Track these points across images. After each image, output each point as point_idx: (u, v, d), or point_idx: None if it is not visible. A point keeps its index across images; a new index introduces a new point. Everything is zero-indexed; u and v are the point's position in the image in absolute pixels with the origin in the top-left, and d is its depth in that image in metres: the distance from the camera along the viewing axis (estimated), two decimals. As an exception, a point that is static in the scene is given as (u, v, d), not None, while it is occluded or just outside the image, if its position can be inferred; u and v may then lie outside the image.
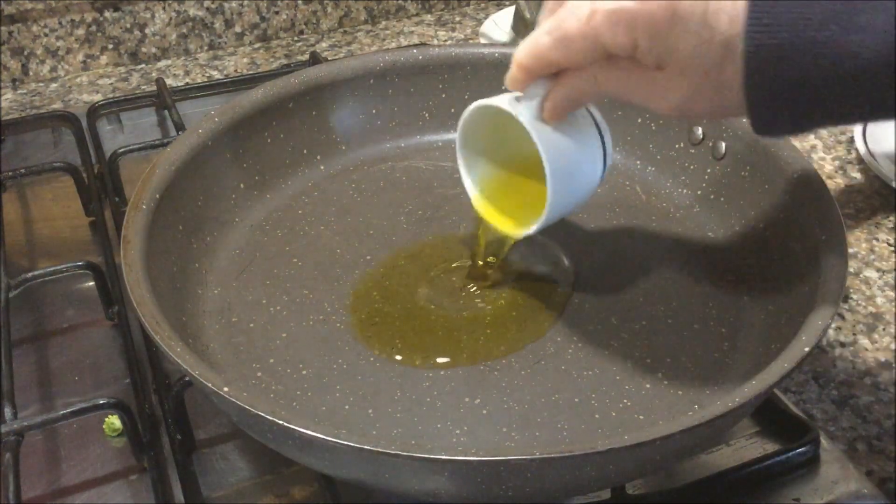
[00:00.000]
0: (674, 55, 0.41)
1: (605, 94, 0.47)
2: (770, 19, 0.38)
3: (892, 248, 0.68)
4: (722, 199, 0.63)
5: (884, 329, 0.61)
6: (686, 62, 0.41)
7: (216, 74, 0.93)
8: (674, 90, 0.43)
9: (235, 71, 0.93)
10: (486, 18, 0.95)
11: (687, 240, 0.62)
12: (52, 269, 0.60)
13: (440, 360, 0.53)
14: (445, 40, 1.00)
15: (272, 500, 0.50)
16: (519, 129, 0.50)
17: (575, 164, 0.52)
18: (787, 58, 0.38)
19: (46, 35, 0.91)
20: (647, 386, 0.52)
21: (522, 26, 0.84)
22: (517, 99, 0.50)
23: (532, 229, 0.53)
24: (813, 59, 0.38)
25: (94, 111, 0.81)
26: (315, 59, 0.86)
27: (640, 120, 0.67)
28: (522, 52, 0.47)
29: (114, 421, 0.53)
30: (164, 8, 0.93)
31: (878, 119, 0.42)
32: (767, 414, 0.53)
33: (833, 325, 0.60)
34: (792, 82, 0.39)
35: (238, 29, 0.98)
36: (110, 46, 0.93)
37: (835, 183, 0.76)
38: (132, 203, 0.54)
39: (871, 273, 0.66)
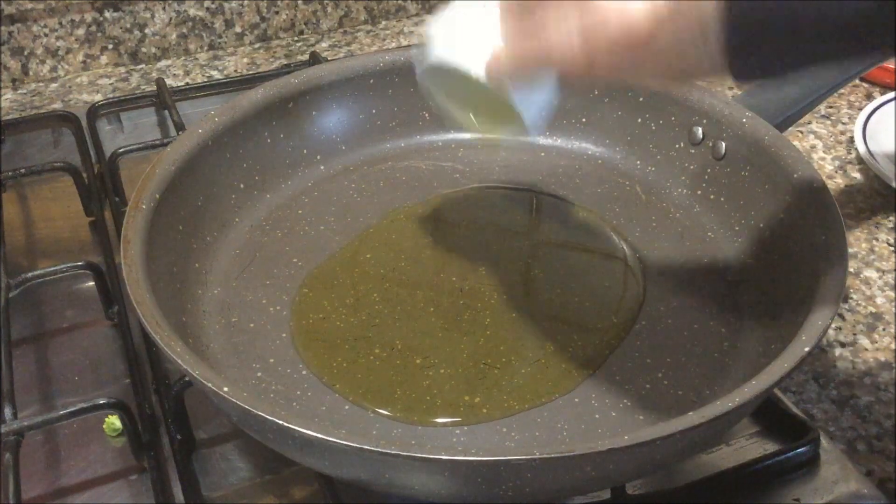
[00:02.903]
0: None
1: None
2: None
3: (892, 248, 0.68)
4: (722, 199, 0.63)
5: (884, 329, 0.61)
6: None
7: (216, 74, 0.93)
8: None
9: (235, 71, 0.93)
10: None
11: (687, 240, 0.62)
12: (52, 269, 0.60)
13: (440, 358, 0.53)
14: (445, 40, 1.00)
15: (272, 500, 0.50)
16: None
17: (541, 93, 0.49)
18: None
19: (46, 35, 0.91)
20: (647, 386, 0.52)
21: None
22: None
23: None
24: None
25: (94, 111, 0.81)
26: (315, 59, 0.86)
27: (639, 120, 0.67)
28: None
29: (114, 421, 0.53)
30: (164, 8, 0.93)
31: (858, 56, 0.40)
32: (767, 414, 0.53)
33: (833, 325, 0.60)
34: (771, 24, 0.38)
35: (238, 29, 0.98)
36: (110, 46, 0.93)
37: (835, 183, 0.76)
38: (132, 203, 0.54)
39: (871, 273, 0.66)
